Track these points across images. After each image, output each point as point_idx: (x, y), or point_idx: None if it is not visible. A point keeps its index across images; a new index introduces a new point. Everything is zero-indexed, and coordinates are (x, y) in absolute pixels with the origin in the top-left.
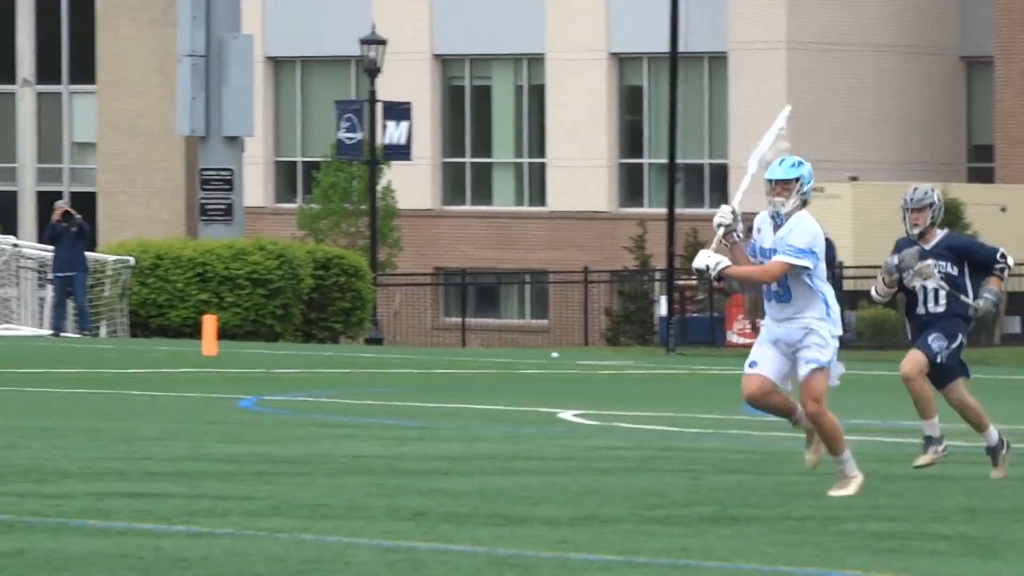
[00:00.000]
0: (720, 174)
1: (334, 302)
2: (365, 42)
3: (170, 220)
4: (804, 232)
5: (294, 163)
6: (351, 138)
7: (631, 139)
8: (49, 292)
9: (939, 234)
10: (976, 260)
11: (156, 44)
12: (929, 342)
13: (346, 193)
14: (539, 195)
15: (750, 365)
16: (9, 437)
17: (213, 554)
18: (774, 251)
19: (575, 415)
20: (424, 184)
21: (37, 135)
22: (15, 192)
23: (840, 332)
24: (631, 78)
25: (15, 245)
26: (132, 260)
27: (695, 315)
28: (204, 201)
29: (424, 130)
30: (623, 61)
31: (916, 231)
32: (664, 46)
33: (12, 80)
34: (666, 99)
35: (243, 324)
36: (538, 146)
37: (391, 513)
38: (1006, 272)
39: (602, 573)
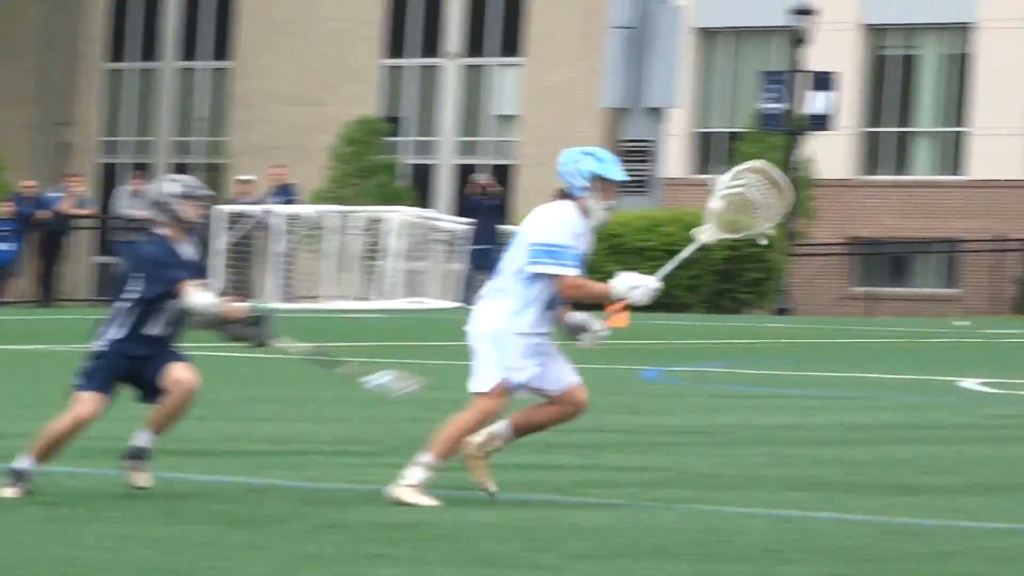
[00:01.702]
0: None
1: (744, 273)
2: (796, 12)
3: None
4: None
5: (715, 134)
6: (775, 108)
7: None
8: None
9: None
10: None
11: (584, 15)
12: None
13: None
14: (958, 164)
15: None
16: None
17: (606, 524)
18: None
19: (979, 383)
20: (843, 154)
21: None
22: None
23: None
24: None
25: None
26: None
27: None
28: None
29: (845, 100)
30: None
31: None
32: None
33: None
34: None
35: None
36: (958, 115)
37: (788, 483)
38: None
39: (996, 542)
